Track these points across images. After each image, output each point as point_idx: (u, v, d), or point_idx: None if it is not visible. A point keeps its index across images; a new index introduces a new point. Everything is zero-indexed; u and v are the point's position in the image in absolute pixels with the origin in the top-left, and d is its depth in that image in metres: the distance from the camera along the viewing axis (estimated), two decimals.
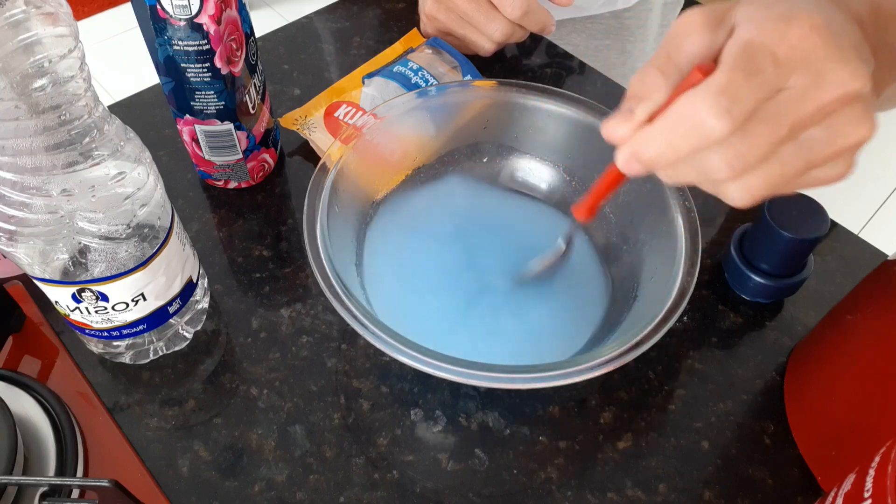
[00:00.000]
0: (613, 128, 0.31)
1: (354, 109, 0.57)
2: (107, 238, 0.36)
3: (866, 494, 0.27)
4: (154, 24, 0.42)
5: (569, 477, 0.41)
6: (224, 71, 0.45)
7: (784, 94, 0.26)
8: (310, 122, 0.57)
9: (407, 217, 0.48)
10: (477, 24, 0.59)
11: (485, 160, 0.51)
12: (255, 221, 0.53)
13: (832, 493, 0.32)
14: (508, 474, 0.41)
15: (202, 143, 0.50)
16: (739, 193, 0.29)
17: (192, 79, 0.45)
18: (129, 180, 0.35)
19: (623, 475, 0.41)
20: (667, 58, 0.30)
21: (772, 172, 0.28)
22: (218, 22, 0.43)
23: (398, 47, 0.64)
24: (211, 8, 0.42)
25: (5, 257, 0.43)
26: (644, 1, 0.80)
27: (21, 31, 0.29)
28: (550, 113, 0.48)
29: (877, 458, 0.27)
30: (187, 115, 0.48)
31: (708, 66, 0.28)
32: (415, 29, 0.65)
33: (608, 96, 0.62)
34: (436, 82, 0.55)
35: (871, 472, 0.27)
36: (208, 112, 0.48)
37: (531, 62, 0.66)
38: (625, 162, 0.31)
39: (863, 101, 0.26)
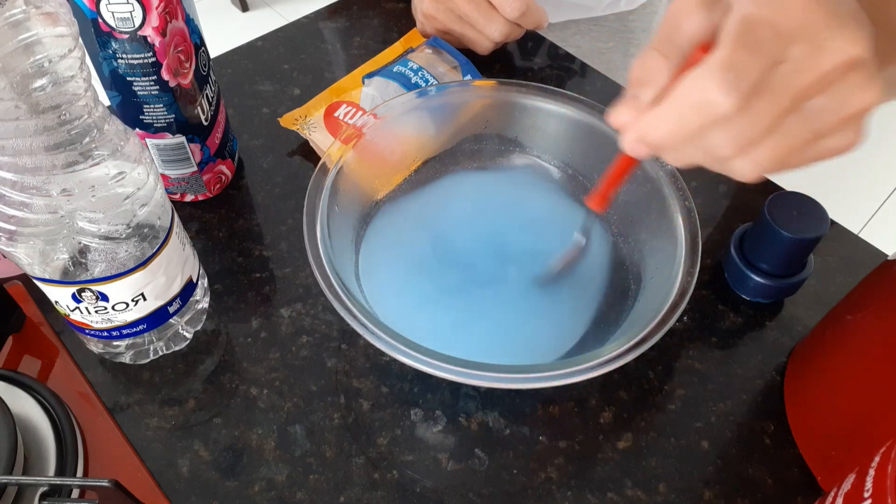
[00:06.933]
0: (619, 115, 0.31)
1: (354, 109, 0.57)
2: (107, 238, 0.36)
3: (866, 494, 0.27)
4: (97, 38, 0.41)
5: (569, 477, 0.41)
6: (172, 84, 0.44)
7: (784, 65, 0.26)
8: (310, 122, 0.57)
9: (407, 217, 0.48)
10: (476, 24, 0.59)
11: (484, 160, 0.51)
12: (255, 221, 0.53)
13: (832, 493, 0.32)
14: (508, 474, 0.41)
15: (155, 157, 0.49)
16: (747, 169, 0.28)
17: (139, 92, 0.44)
18: (129, 180, 0.35)
19: (623, 475, 0.41)
20: (666, 39, 0.29)
21: (778, 144, 0.27)
22: (163, 34, 0.41)
23: (398, 47, 0.64)
24: (155, 20, 0.41)
25: (5, 257, 0.43)
26: (649, 3, 0.80)
27: (21, 31, 0.29)
28: (550, 113, 0.49)
29: (877, 458, 0.27)
30: (137, 129, 0.47)
31: (709, 43, 0.28)
32: (414, 29, 0.65)
33: (608, 96, 0.62)
34: (436, 82, 0.55)
35: (871, 472, 0.27)
36: (158, 125, 0.47)
37: (532, 63, 0.66)
38: (632, 146, 0.31)
39: (865, 67, 0.26)
